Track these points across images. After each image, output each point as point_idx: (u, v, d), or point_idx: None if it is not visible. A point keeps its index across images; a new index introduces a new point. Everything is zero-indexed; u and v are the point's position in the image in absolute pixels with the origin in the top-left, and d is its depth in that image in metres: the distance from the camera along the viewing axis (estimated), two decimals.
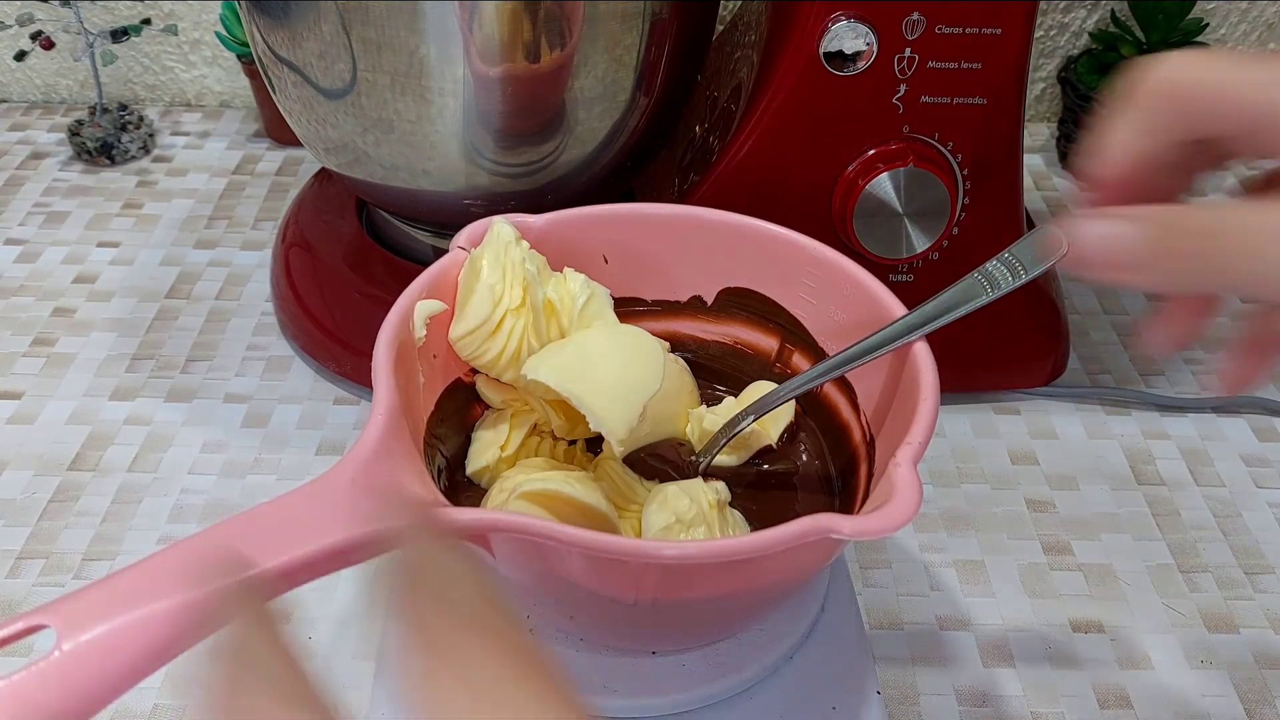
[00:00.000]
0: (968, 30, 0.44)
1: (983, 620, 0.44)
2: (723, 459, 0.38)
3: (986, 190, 0.48)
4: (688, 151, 0.55)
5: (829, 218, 0.48)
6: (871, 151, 0.47)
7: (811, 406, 0.40)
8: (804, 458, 0.39)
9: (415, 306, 0.34)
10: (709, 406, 0.40)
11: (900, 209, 0.46)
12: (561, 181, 0.48)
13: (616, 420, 0.33)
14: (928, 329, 0.34)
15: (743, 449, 0.39)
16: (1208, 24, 0.71)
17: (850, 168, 0.47)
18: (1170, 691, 0.42)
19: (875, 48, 0.44)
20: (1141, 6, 0.67)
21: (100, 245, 0.63)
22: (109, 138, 0.69)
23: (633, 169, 0.51)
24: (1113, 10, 0.70)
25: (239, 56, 0.71)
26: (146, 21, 0.70)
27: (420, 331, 0.34)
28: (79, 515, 0.47)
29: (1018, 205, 0.49)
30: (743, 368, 0.41)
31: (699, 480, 0.35)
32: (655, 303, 0.41)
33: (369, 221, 0.57)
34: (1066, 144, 0.72)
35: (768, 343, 0.41)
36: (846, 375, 0.37)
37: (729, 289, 0.40)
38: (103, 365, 0.55)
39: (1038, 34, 0.72)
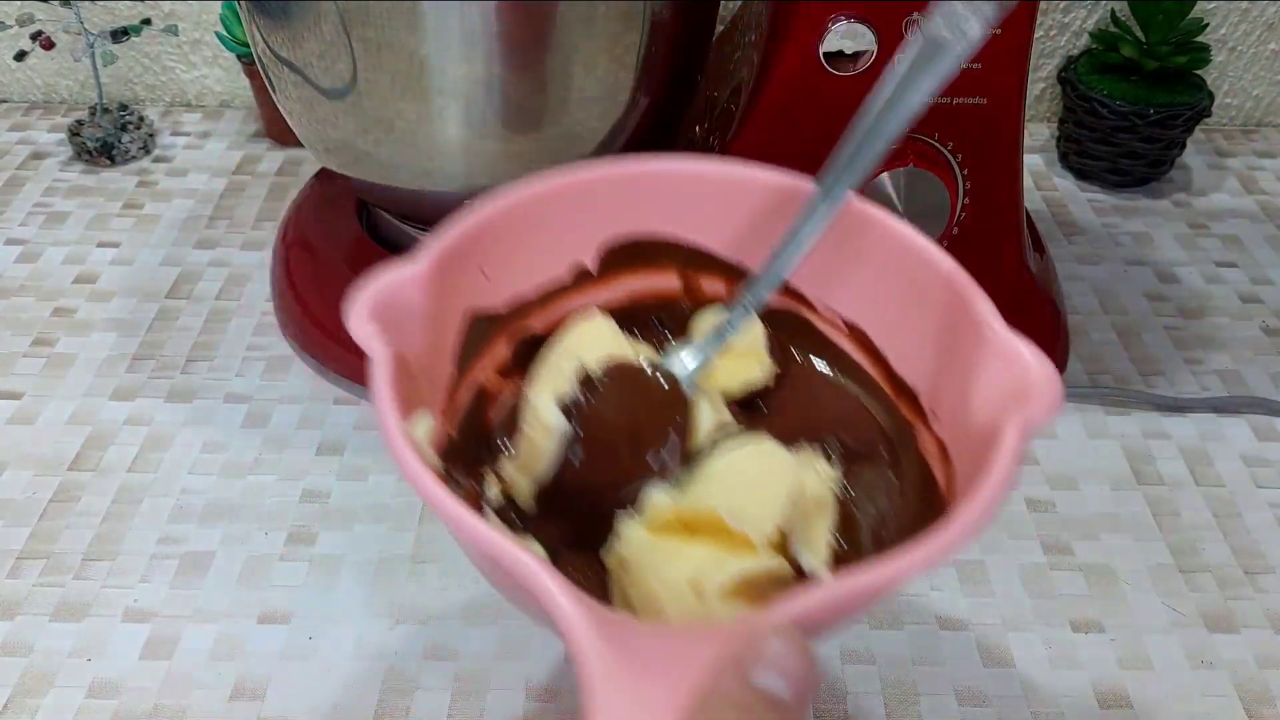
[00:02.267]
0: None
1: (983, 620, 0.44)
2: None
3: (986, 190, 0.48)
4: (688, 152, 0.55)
5: None
6: None
7: (798, 345, 0.38)
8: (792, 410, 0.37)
9: (410, 431, 0.30)
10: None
11: (900, 209, 0.46)
12: None
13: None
14: (894, 125, 0.31)
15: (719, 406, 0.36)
16: (1208, 24, 0.71)
17: None
18: (1170, 691, 0.42)
19: (875, 48, 0.44)
20: (1141, 6, 0.67)
21: (100, 245, 0.63)
22: (109, 138, 0.69)
23: None
24: (1113, 10, 0.70)
25: (239, 57, 0.71)
26: (147, 21, 0.70)
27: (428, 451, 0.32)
28: (79, 515, 0.47)
29: (1018, 205, 0.50)
30: (658, 315, 0.39)
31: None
32: (542, 296, 0.38)
33: (369, 221, 0.57)
34: (1066, 144, 0.72)
35: (668, 282, 0.39)
36: (844, 315, 0.35)
37: (610, 247, 0.38)
38: (103, 365, 0.55)
39: (1038, 34, 0.72)
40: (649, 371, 0.34)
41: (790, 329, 0.38)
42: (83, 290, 0.60)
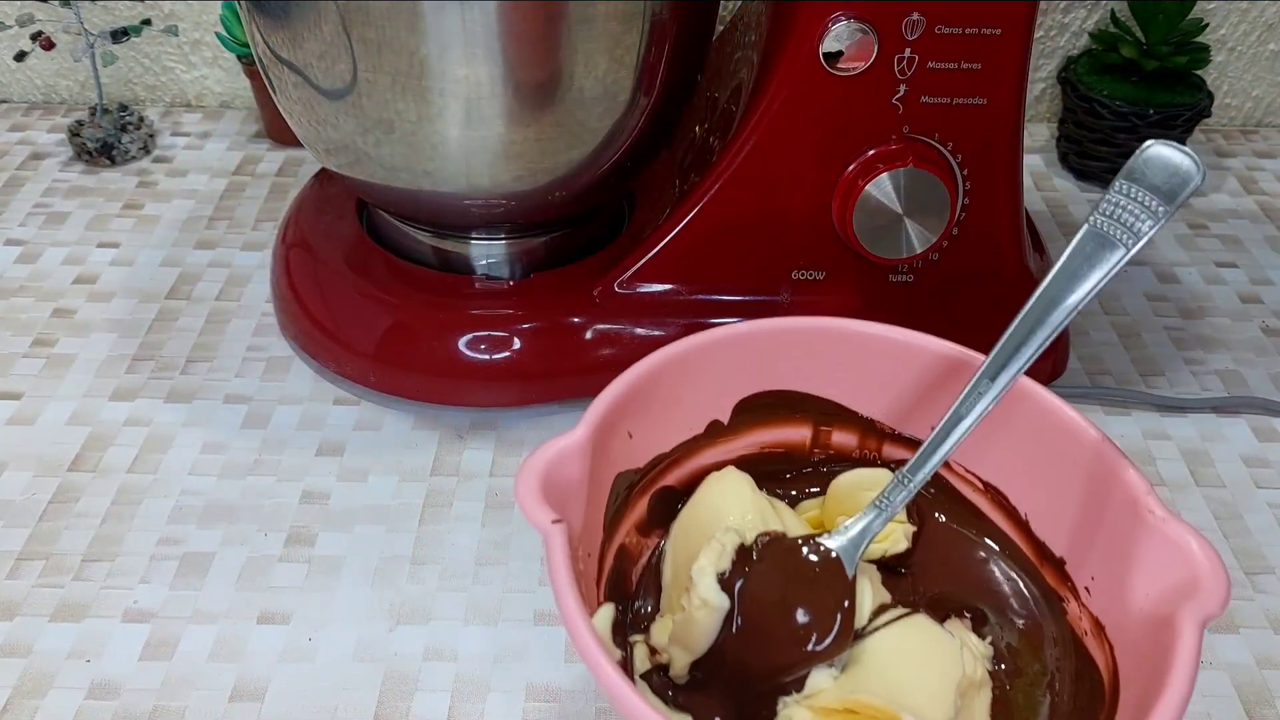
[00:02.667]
0: (968, 30, 0.44)
1: None
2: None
3: (986, 190, 0.48)
4: (688, 152, 0.55)
5: (829, 218, 0.48)
6: (871, 151, 0.47)
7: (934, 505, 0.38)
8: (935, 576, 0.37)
9: (594, 624, 0.29)
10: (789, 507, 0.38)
11: (900, 209, 0.46)
12: (562, 182, 0.48)
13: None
14: (1059, 317, 0.31)
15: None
16: (1208, 24, 0.71)
17: (850, 168, 0.47)
18: None
19: (875, 48, 0.44)
20: (1141, 6, 0.67)
21: (100, 246, 0.63)
22: (109, 138, 0.69)
23: (633, 169, 0.51)
24: (1113, 10, 0.70)
25: (239, 57, 0.71)
26: (147, 22, 0.70)
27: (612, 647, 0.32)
28: (79, 516, 0.47)
29: (1018, 205, 0.49)
30: (783, 468, 0.40)
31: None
32: (675, 449, 0.39)
33: (369, 222, 0.57)
34: (1066, 144, 0.72)
35: (798, 434, 0.40)
36: (983, 476, 0.35)
37: (743, 400, 0.39)
38: (103, 366, 0.55)
39: (1038, 34, 0.72)
40: (810, 549, 0.34)
41: (926, 485, 0.37)
42: (82, 291, 0.60)
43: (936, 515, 0.39)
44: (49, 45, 0.70)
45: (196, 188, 0.69)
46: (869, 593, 0.34)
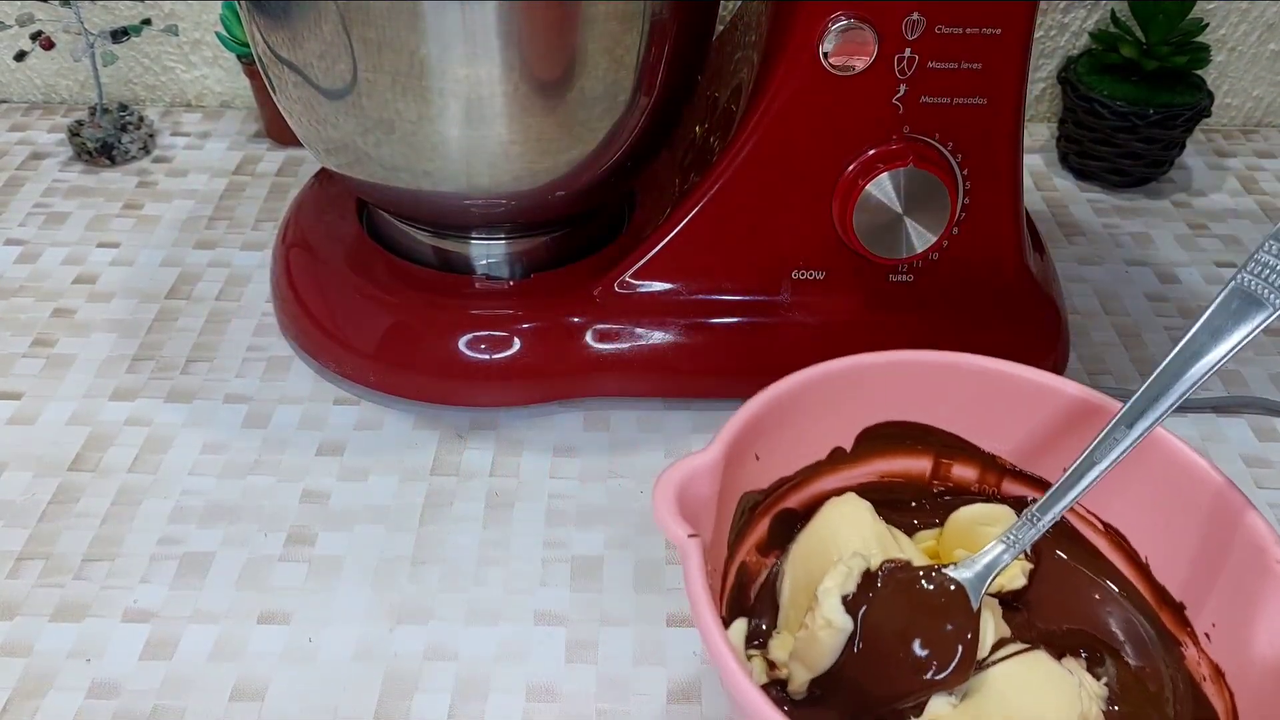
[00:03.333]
0: (968, 30, 0.44)
1: None
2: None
3: (986, 190, 0.48)
4: (688, 152, 0.55)
5: (829, 218, 0.48)
6: (871, 151, 0.47)
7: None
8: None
9: (729, 635, 0.31)
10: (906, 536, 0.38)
11: (900, 209, 0.46)
12: (562, 181, 0.48)
13: None
14: (1199, 372, 0.32)
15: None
16: (1208, 24, 0.71)
17: (850, 168, 0.47)
18: None
19: (875, 48, 0.44)
20: (1141, 6, 0.67)
21: (100, 246, 0.63)
22: (109, 138, 0.69)
23: (633, 169, 0.51)
24: (1113, 10, 0.70)
25: (239, 57, 0.71)
26: (147, 22, 0.70)
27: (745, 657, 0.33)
28: (79, 516, 0.47)
29: (1018, 205, 0.49)
30: (902, 498, 0.40)
31: None
32: (798, 473, 0.39)
33: (369, 222, 0.57)
34: (1066, 144, 0.72)
35: (918, 465, 0.40)
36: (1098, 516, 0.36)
37: (867, 428, 0.39)
38: (103, 366, 0.55)
39: (1038, 34, 0.72)
40: (937, 579, 0.34)
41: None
42: (82, 291, 0.60)
43: (1056, 553, 0.39)
44: (49, 45, 0.70)
45: (196, 188, 0.69)
46: (991, 625, 0.35)
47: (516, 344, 0.51)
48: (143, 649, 0.42)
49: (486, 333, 0.51)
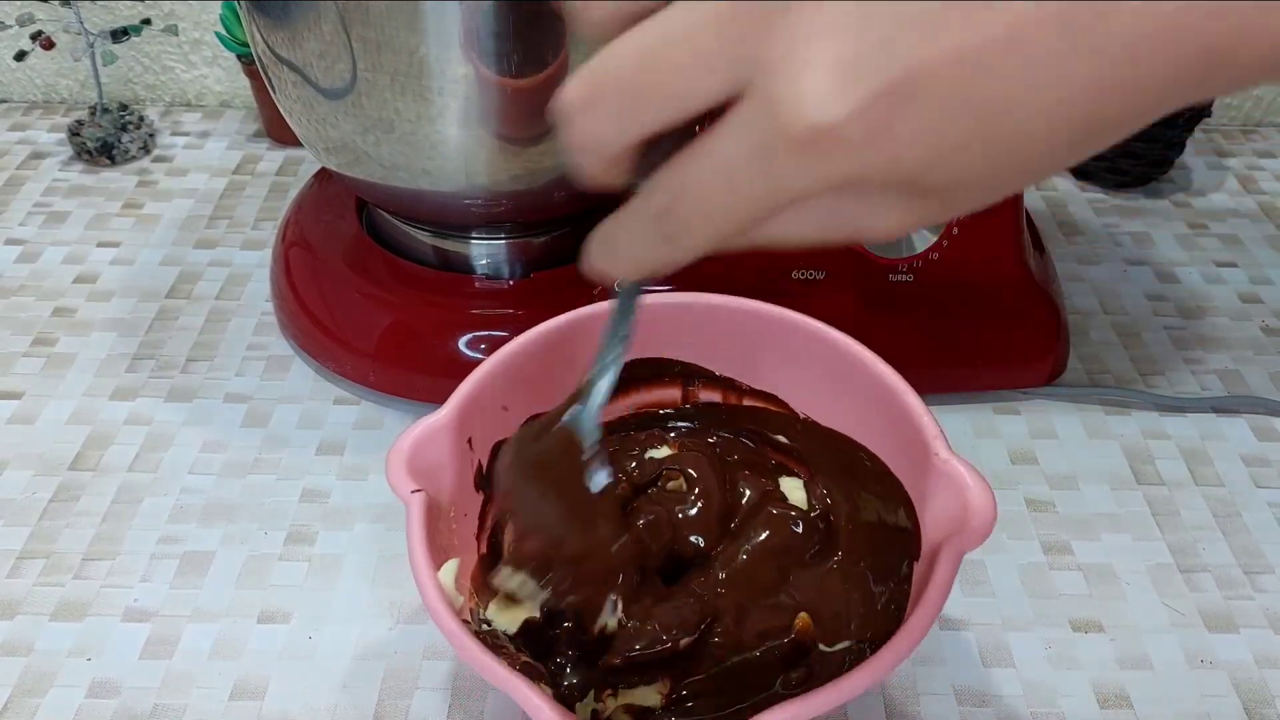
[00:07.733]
0: None
1: (983, 620, 0.44)
2: None
3: None
4: None
5: None
6: None
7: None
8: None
9: (439, 578, 0.33)
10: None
11: None
12: (562, 182, 0.48)
13: None
14: None
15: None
16: None
17: None
18: (1170, 691, 0.42)
19: None
20: None
21: (100, 245, 0.63)
22: (109, 138, 0.69)
23: None
24: None
25: (239, 56, 0.71)
26: (147, 21, 0.70)
27: (456, 595, 0.34)
28: (79, 515, 0.47)
29: (1018, 205, 0.50)
30: (654, 421, 0.44)
31: None
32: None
33: (369, 221, 0.57)
34: None
35: (670, 394, 0.44)
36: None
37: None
38: (103, 365, 0.55)
39: None
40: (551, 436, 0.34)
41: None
42: (83, 290, 0.60)
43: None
44: (49, 45, 0.70)
45: (196, 187, 0.69)
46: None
47: None
48: (143, 647, 0.42)
49: (486, 332, 0.51)
